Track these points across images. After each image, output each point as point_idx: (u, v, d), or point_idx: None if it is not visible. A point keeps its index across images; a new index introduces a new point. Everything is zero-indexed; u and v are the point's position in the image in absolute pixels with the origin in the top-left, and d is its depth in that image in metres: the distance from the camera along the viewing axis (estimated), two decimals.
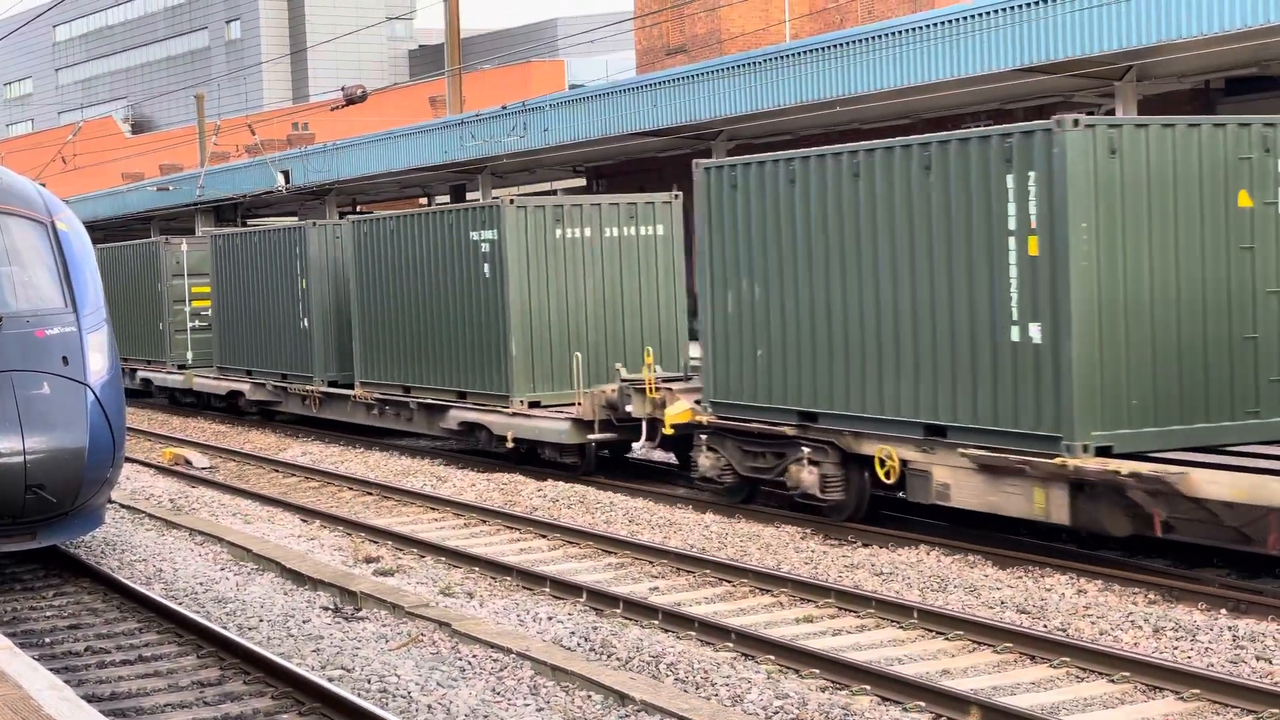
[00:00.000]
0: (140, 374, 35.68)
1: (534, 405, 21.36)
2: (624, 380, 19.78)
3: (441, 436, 23.83)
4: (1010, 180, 14.09)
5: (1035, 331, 13.94)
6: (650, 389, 19.03)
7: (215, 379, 31.65)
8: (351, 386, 26.02)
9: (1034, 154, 13.87)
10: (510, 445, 21.21)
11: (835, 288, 16.19)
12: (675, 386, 19.00)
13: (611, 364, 21.16)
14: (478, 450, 22.80)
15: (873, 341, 15.76)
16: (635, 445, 19.73)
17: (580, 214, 21.64)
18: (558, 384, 21.40)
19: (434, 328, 23.25)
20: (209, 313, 32.77)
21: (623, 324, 21.79)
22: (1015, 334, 14.13)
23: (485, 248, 21.73)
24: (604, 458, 21.38)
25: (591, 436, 20.23)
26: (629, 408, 19.42)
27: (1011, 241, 14.13)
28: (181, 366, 33.90)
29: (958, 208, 14.68)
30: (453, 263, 22.58)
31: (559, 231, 21.46)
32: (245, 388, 30.07)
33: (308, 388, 27.38)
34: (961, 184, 14.60)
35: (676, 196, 22.10)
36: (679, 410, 18.42)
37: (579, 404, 20.34)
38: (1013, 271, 14.13)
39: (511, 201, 21.31)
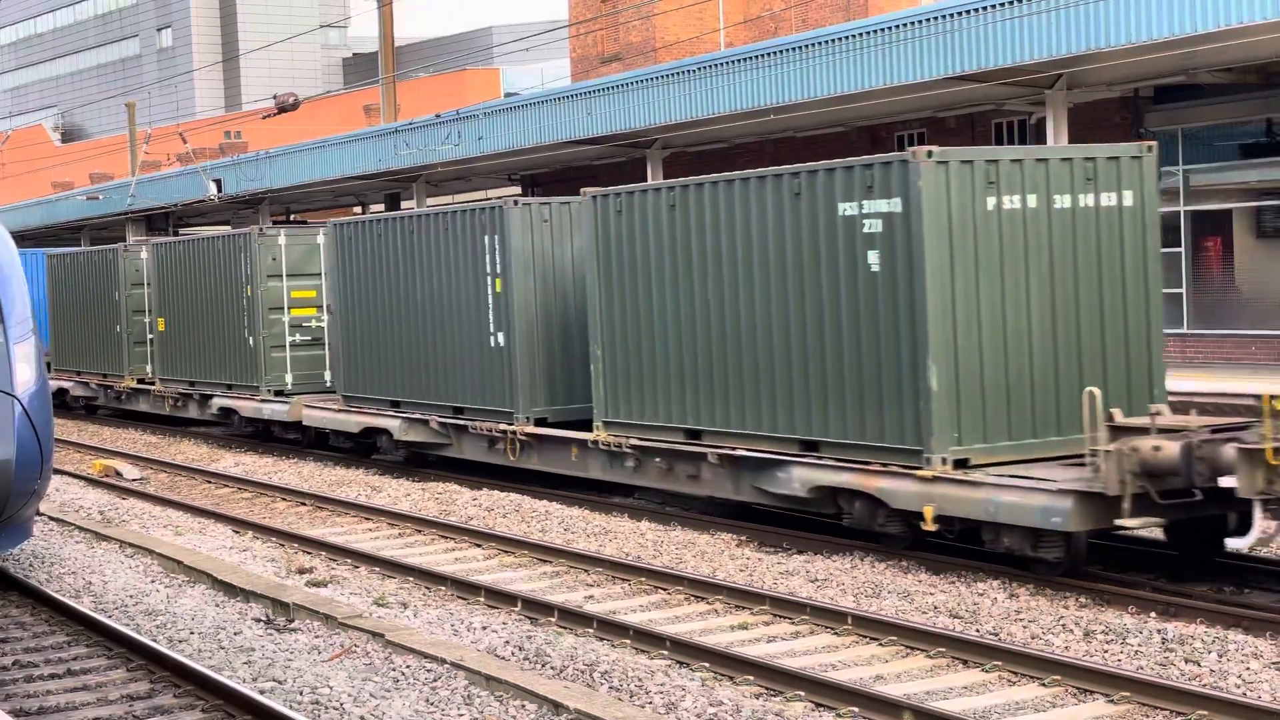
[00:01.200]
0: (218, 401, 28.20)
1: (959, 465, 14.38)
2: (1172, 431, 12.85)
3: (759, 504, 16.94)
4: None
5: None
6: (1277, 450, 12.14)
7: (339, 411, 24.42)
8: (568, 426, 19.96)
9: None
10: (931, 525, 14.32)
11: None
12: None
13: (1066, 398, 14.67)
14: (837, 527, 15.98)
15: None
16: (1233, 544, 12.78)
17: (1021, 175, 14.79)
18: (992, 433, 14.55)
19: (755, 347, 16.52)
20: (315, 324, 26.85)
21: (1076, 339, 15.00)
22: None
23: (872, 226, 14.91)
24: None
25: (1124, 522, 13.01)
26: (1233, 480, 12.31)
27: None
28: (279, 392, 26.64)
29: None
30: (800, 249, 15.83)
31: (991, 200, 14.63)
32: (393, 425, 22.66)
33: (503, 427, 20.50)
34: None
35: (1150, 149, 15.42)
36: None
37: (1096, 465, 13.11)
38: None
39: (930, 155, 14.38)
